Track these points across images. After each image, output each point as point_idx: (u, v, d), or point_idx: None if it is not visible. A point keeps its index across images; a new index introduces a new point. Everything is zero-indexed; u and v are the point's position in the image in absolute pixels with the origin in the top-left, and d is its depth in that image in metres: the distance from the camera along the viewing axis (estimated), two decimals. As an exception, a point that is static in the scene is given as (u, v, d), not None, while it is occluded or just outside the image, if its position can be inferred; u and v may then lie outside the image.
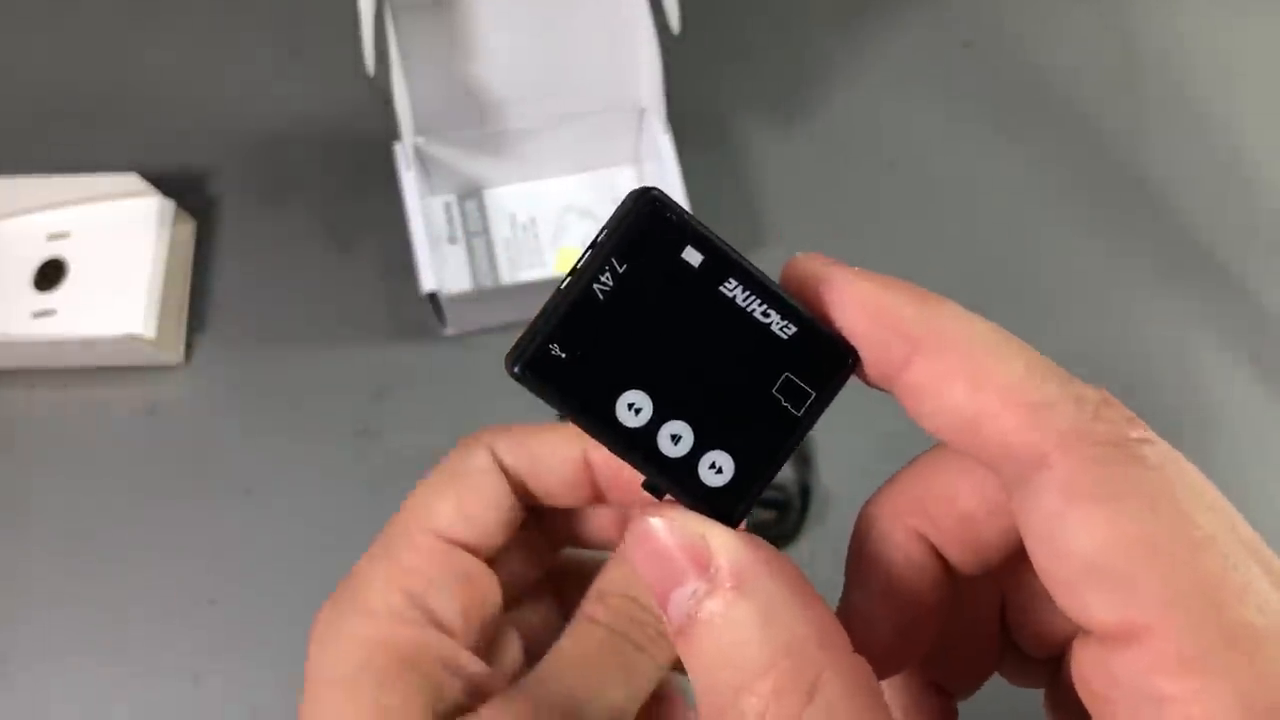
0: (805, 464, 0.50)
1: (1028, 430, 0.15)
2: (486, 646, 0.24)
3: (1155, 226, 0.58)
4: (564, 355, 0.16)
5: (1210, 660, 0.13)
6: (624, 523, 0.24)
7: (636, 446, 0.17)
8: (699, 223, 0.17)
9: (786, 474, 0.50)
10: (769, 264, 0.18)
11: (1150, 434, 0.15)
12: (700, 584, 0.15)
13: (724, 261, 0.17)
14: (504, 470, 0.24)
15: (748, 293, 0.17)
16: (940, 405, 0.15)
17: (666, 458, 0.17)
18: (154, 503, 0.50)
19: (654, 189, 0.17)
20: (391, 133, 0.52)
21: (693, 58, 0.54)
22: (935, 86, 0.61)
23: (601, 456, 0.23)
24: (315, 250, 0.55)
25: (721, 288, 0.17)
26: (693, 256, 0.16)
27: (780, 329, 0.17)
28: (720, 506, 0.17)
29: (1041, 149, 0.59)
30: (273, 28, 0.60)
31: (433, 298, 0.49)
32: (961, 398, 0.15)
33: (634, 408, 0.16)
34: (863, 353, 0.16)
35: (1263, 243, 0.58)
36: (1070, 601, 0.15)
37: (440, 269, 0.53)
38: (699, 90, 0.58)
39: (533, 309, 0.18)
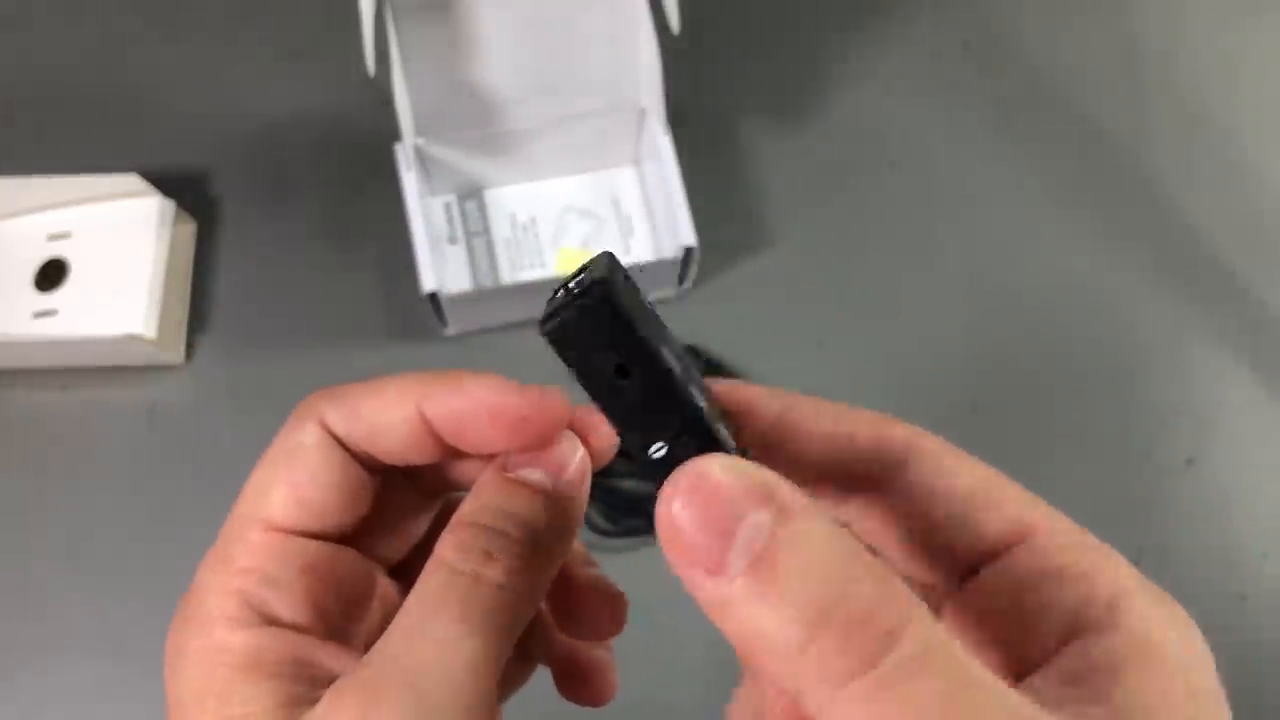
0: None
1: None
2: (370, 628, 0.23)
3: (1155, 226, 0.58)
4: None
5: (1087, 540, 0.18)
6: (492, 463, 0.21)
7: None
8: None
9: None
10: (769, 263, 0.19)
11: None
12: (766, 514, 0.15)
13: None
14: (339, 440, 0.22)
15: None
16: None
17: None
18: (154, 502, 0.50)
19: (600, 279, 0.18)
20: (392, 133, 0.52)
21: (693, 58, 0.54)
22: (935, 86, 0.61)
23: (440, 409, 0.21)
24: (316, 250, 0.55)
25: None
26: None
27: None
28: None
29: (1041, 149, 0.59)
30: (273, 29, 0.60)
31: (433, 298, 0.49)
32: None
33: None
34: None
35: (1262, 243, 0.58)
36: (969, 535, 0.19)
37: (441, 269, 0.53)
38: (699, 90, 0.58)
39: (533, 309, 0.19)
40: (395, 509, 0.24)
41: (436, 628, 0.19)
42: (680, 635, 0.46)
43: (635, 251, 0.55)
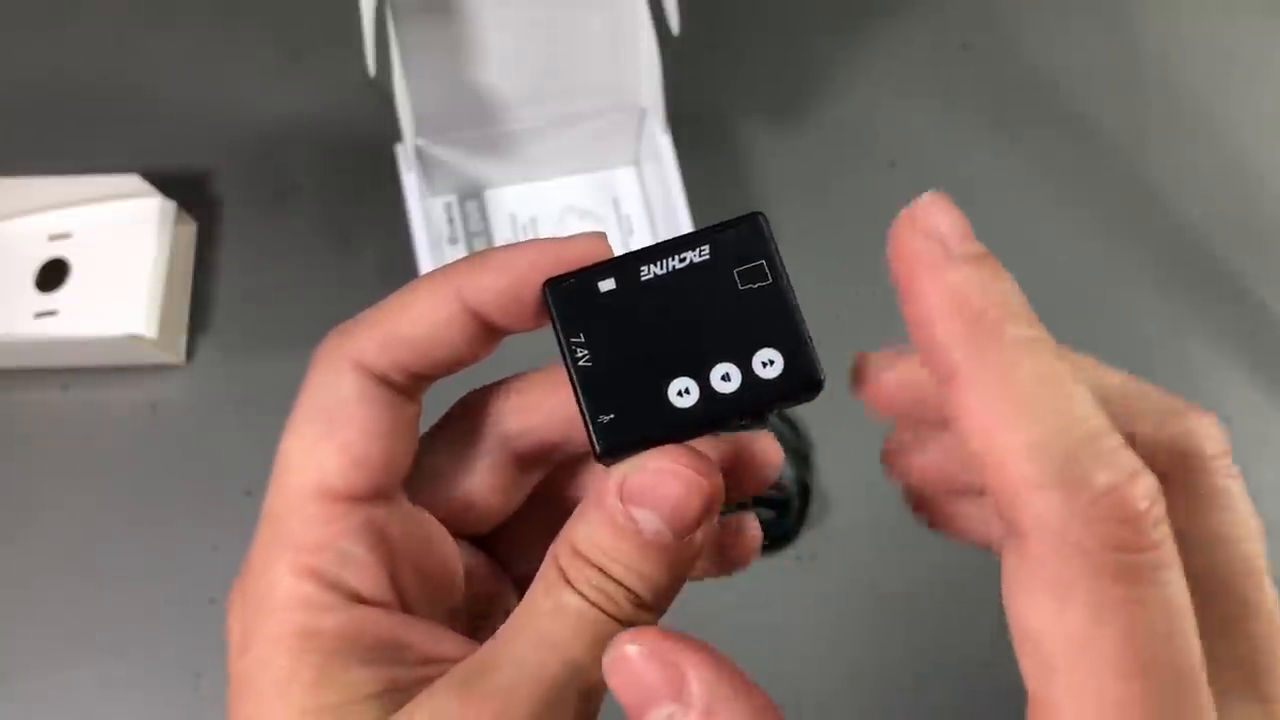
0: (805, 463, 0.50)
1: (1012, 503, 0.15)
2: (446, 599, 0.21)
3: (1154, 226, 0.58)
4: (614, 416, 0.19)
5: None
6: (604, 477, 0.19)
7: (717, 408, 0.19)
8: (590, 267, 0.19)
9: (786, 473, 0.50)
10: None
11: (1141, 538, 0.14)
12: (675, 707, 0.17)
13: (622, 263, 0.19)
14: (381, 378, 0.20)
15: (656, 261, 0.19)
16: (960, 433, 0.16)
17: (734, 393, 0.19)
18: (155, 502, 0.50)
19: (547, 282, 0.19)
20: (393, 134, 0.52)
21: (693, 58, 0.54)
22: (934, 87, 0.61)
23: (486, 295, 0.19)
24: (317, 251, 0.55)
25: (642, 278, 0.19)
26: (607, 284, 0.19)
27: (700, 254, 0.19)
28: (799, 378, 0.19)
29: (1041, 149, 0.59)
30: (274, 29, 0.60)
31: (433, 298, 0.49)
32: (976, 437, 0.15)
33: (681, 392, 0.19)
34: (928, 342, 0.17)
35: (1263, 243, 0.58)
36: (1019, 651, 0.16)
37: (441, 269, 0.53)
38: (699, 91, 0.58)
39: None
40: (475, 473, 0.22)
41: (573, 647, 0.18)
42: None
43: (635, 252, 0.55)
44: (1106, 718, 0.14)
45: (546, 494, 0.24)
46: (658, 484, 0.18)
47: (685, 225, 0.51)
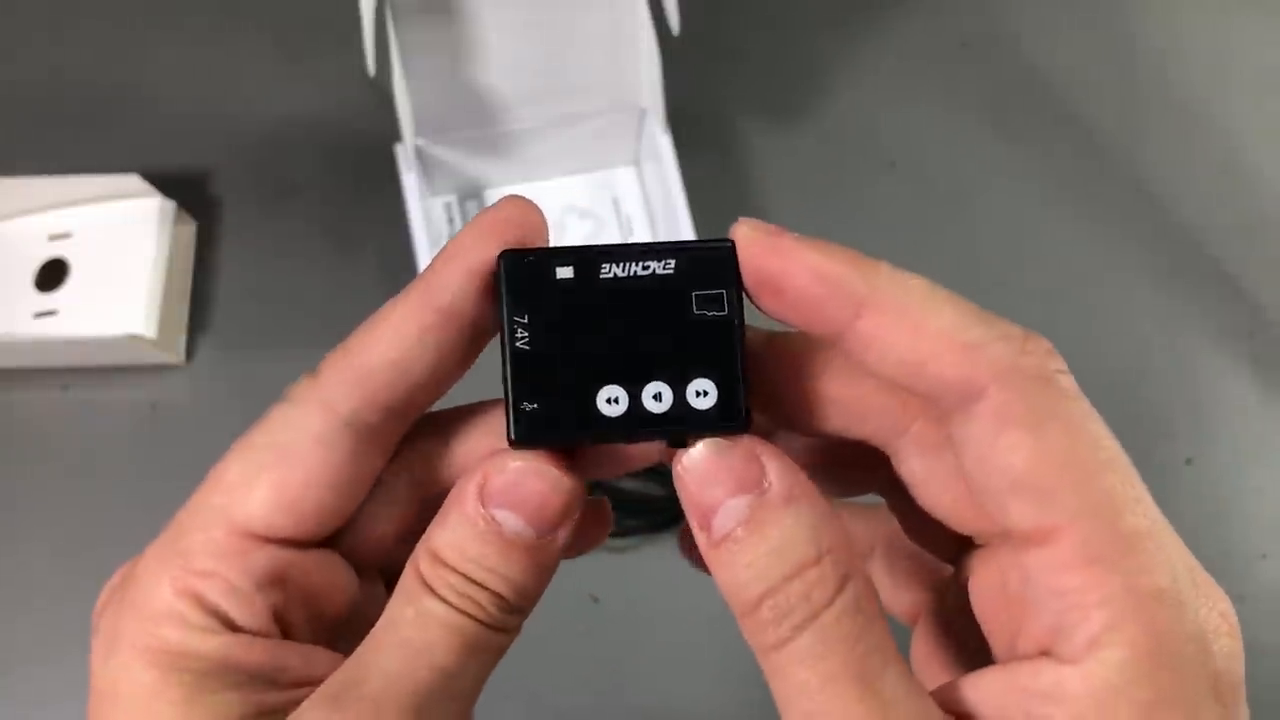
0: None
1: (964, 367, 0.17)
2: (329, 628, 0.21)
3: (1154, 226, 0.58)
4: (537, 406, 0.18)
5: (1107, 558, 0.16)
6: (466, 475, 0.19)
7: (639, 425, 0.19)
8: (552, 249, 0.19)
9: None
10: None
11: (1063, 365, 0.17)
12: (752, 497, 0.17)
13: (584, 254, 0.19)
14: (352, 422, 0.19)
15: (619, 263, 0.19)
16: (887, 353, 0.18)
17: (661, 414, 0.19)
18: (155, 502, 0.50)
19: (504, 252, 0.19)
20: (392, 134, 0.52)
21: (693, 58, 0.54)
22: (934, 86, 0.61)
23: (456, 289, 0.19)
24: (316, 250, 0.55)
25: (601, 275, 0.19)
26: (564, 272, 0.19)
27: (664, 267, 0.19)
28: (728, 416, 0.19)
29: (1040, 149, 0.59)
30: (274, 29, 0.60)
31: (433, 298, 0.49)
32: (905, 345, 0.17)
33: (611, 400, 0.19)
34: (812, 314, 0.18)
35: (1261, 243, 0.58)
36: (997, 510, 0.17)
37: (441, 269, 0.53)
38: (699, 91, 0.58)
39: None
40: (399, 482, 0.22)
41: (439, 653, 0.18)
42: (684, 633, 0.46)
43: (635, 252, 0.55)
44: (1106, 511, 0.16)
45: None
46: (520, 483, 0.18)
47: (685, 225, 0.51)
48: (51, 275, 0.52)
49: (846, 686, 0.16)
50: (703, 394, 0.19)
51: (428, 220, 0.51)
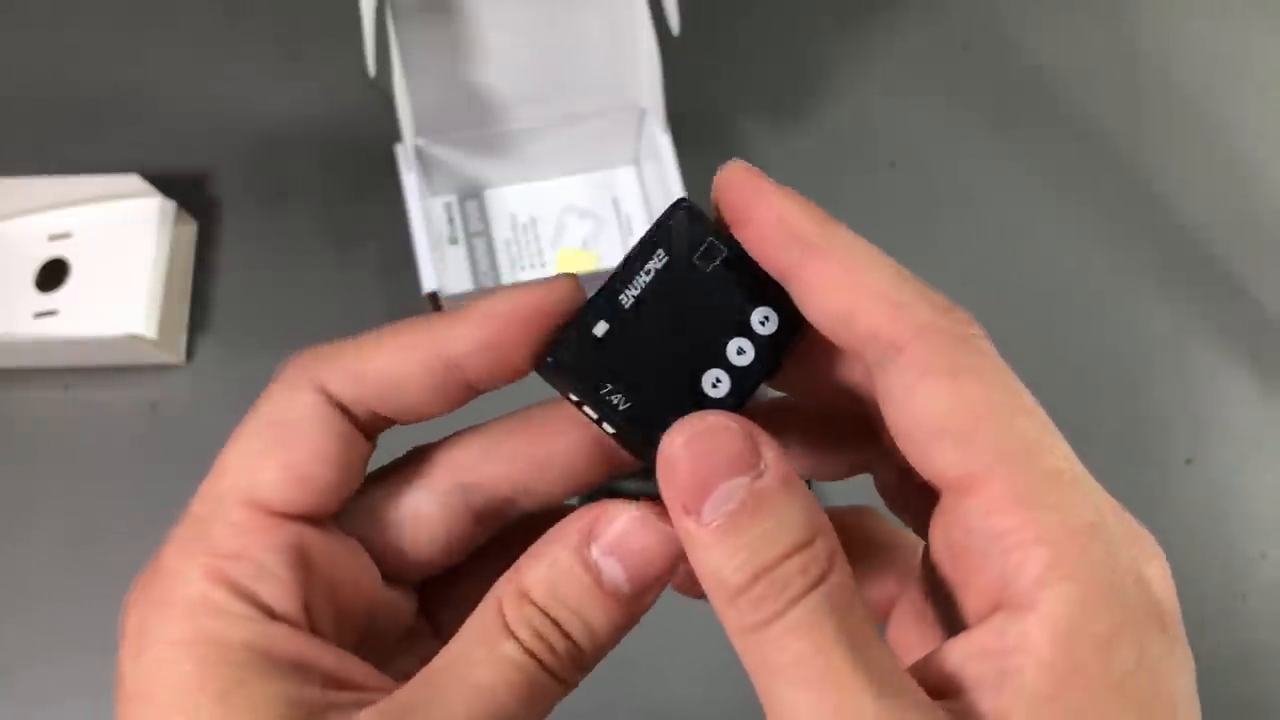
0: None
1: (891, 322, 0.18)
2: (354, 630, 0.21)
3: (1154, 226, 0.58)
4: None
5: (1035, 498, 0.17)
6: (573, 517, 0.19)
7: (752, 381, 0.20)
8: (573, 322, 0.20)
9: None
10: None
11: (981, 332, 0.18)
12: (749, 478, 0.18)
13: (603, 302, 0.20)
14: (341, 406, 0.20)
15: (628, 285, 0.20)
16: (824, 300, 0.19)
17: (752, 364, 0.20)
18: (155, 502, 0.50)
19: (550, 348, 0.19)
20: (392, 134, 0.52)
21: (693, 58, 0.54)
22: (934, 87, 0.61)
23: (468, 349, 0.19)
24: (316, 250, 0.55)
25: (625, 305, 0.20)
26: (600, 328, 0.19)
27: (659, 260, 0.20)
28: (796, 313, 0.20)
29: (1041, 149, 0.60)
30: (274, 29, 0.60)
31: (434, 298, 0.49)
32: (842, 294, 0.18)
33: (714, 383, 0.20)
34: (769, 248, 0.19)
35: (1263, 243, 0.58)
36: (922, 460, 0.18)
37: (441, 269, 0.53)
38: (699, 91, 0.58)
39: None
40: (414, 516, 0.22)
41: (503, 701, 0.18)
42: (684, 633, 0.46)
43: (635, 251, 0.55)
44: (1027, 454, 0.17)
45: (493, 553, 0.23)
46: (629, 531, 0.18)
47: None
48: (52, 275, 0.52)
49: (842, 654, 0.16)
50: (765, 320, 0.20)
51: (428, 220, 0.51)
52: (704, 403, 0.19)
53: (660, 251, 0.20)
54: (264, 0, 0.61)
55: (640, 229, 0.56)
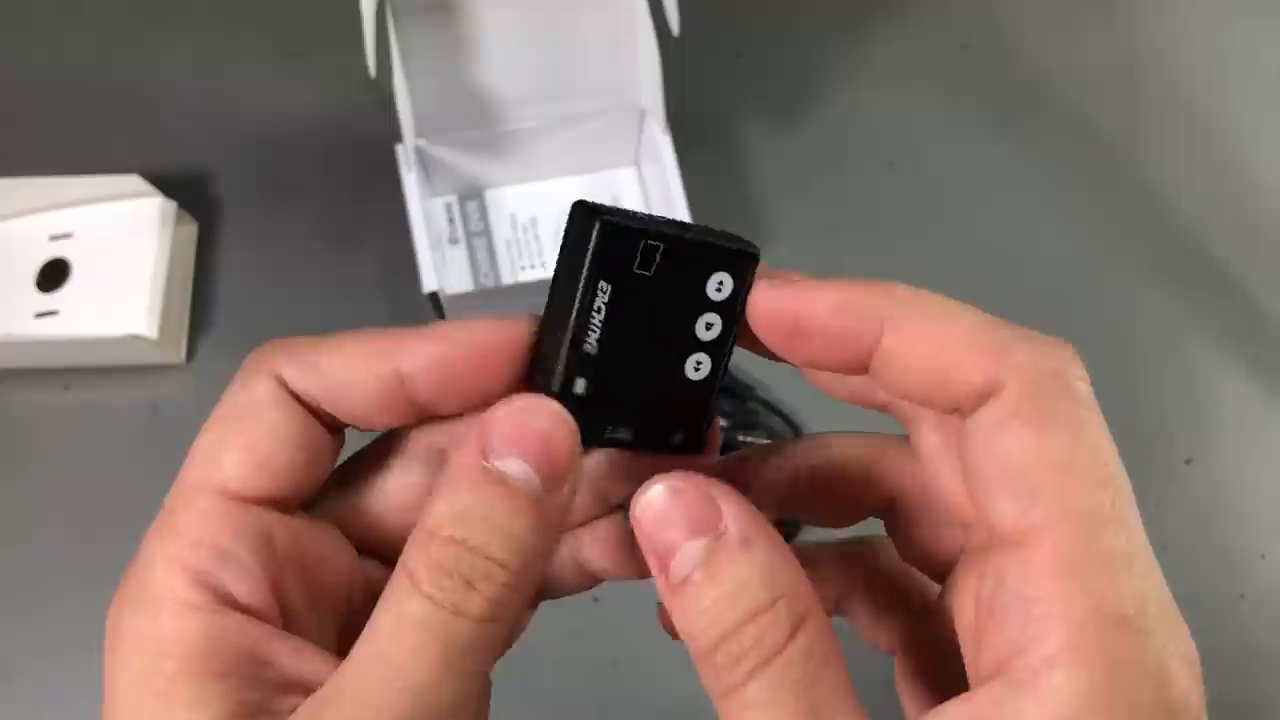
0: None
1: (988, 370, 0.17)
2: (334, 616, 0.20)
3: (1154, 226, 0.58)
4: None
5: (1078, 573, 0.16)
6: (466, 439, 0.18)
7: (729, 344, 0.20)
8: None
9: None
10: (769, 263, 0.19)
11: (1084, 372, 0.18)
12: (708, 540, 0.18)
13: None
14: (297, 397, 0.20)
15: (591, 315, 0.19)
16: (912, 366, 0.18)
17: (721, 335, 0.20)
18: (156, 502, 0.50)
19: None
20: (393, 134, 0.52)
21: (693, 59, 0.54)
22: (934, 87, 0.61)
23: (418, 363, 0.19)
24: (317, 250, 0.55)
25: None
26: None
27: (603, 294, 0.19)
28: (738, 257, 0.20)
29: (1040, 149, 0.60)
30: (275, 30, 0.60)
31: (434, 298, 0.49)
32: (930, 355, 0.18)
33: (697, 366, 0.20)
34: (840, 345, 0.19)
35: (1262, 243, 0.58)
36: (984, 502, 0.17)
37: (441, 269, 0.53)
38: (699, 91, 0.58)
39: (534, 309, 0.19)
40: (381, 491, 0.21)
41: (413, 671, 0.17)
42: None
43: (635, 252, 0.55)
44: (1089, 524, 0.16)
45: None
46: (523, 424, 0.18)
47: (685, 225, 0.51)
48: (52, 275, 0.52)
49: None
50: (720, 285, 0.20)
51: (428, 220, 0.51)
52: (695, 389, 0.20)
53: (603, 284, 0.19)
54: (264, 0, 0.61)
55: (640, 229, 0.56)
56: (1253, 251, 0.57)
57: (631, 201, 0.57)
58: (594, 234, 0.18)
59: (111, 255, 0.52)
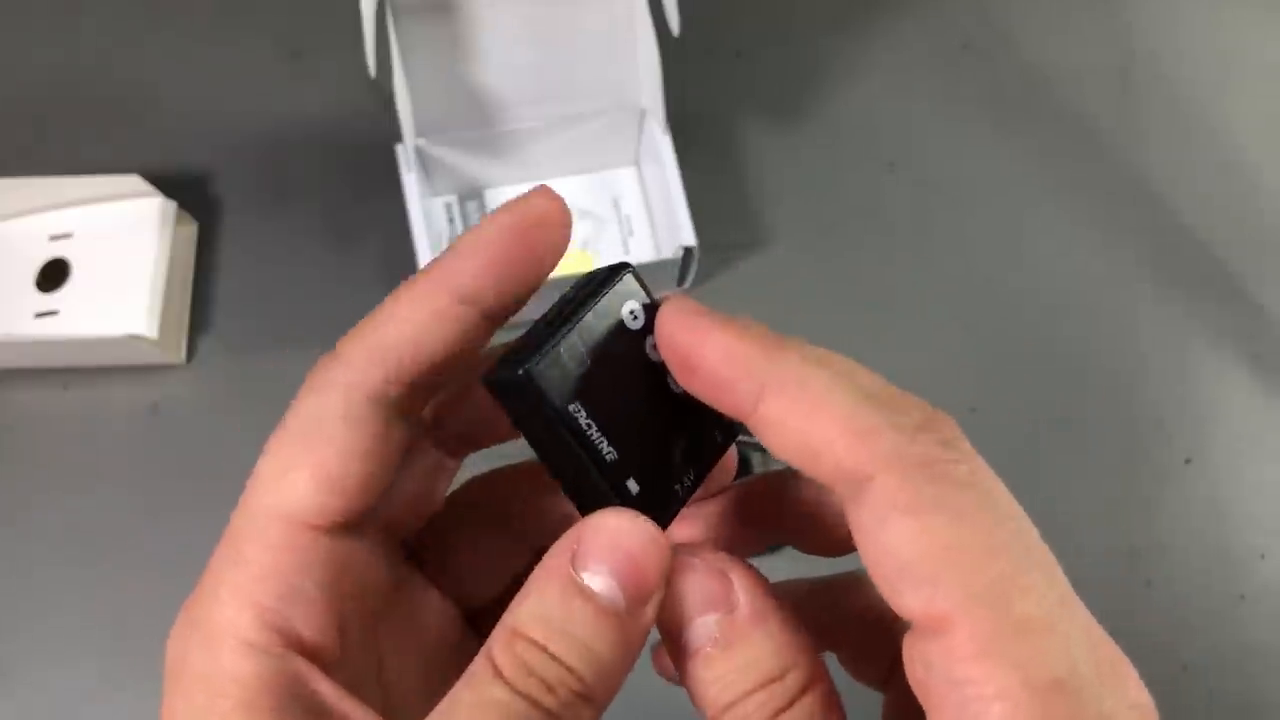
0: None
1: (854, 454, 0.17)
2: (371, 640, 0.20)
3: (1154, 226, 0.58)
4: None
5: (1000, 647, 0.16)
6: (556, 545, 0.19)
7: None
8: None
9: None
10: (769, 263, 0.20)
11: (959, 454, 0.17)
12: (721, 615, 0.18)
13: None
14: (374, 396, 0.19)
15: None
16: (785, 437, 0.18)
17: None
18: (156, 502, 0.50)
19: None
20: (393, 134, 0.52)
21: (693, 59, 0.54)
22: (934, 87, 0.61)
23: (461, 270, 0.19)
24: (317, 250, 0.55)
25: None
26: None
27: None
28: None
29: (1040, 149, 0.60)
30: (274, 29, 0.60)
31: (434, 298, 0.49)
32: (801, 430, 0.17)
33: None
34: (725, 393, 0.18)
35: (1262, 243, 0.58)
36: (891, 596, 0.17)
37: (441, 269, 0.53)
38: (699, 91, 0.58)
39: (534, 309, 0.19)
40: (403, 470, 0.21)
41: None
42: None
43: (635, 251, 0.55)
44: (994, 598, 0.16)
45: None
46: (614, 543, 0.18)
47: (685, 225, 0.51)
48: (52, 275, 0.52)
49: None
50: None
51: (428, 220, 0.51)
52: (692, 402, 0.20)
53: (571, 409, 0.19)
54: (264, 0, 0.61)
55: (640, 229, 0.56)
56: (1253, 251, 0.57)
57: (631, 201, 0.57)
58: (531, 396, 0.18)
59: (111, 255, 0.52)
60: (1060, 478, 0.51)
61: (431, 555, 0.23)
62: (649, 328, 0.20)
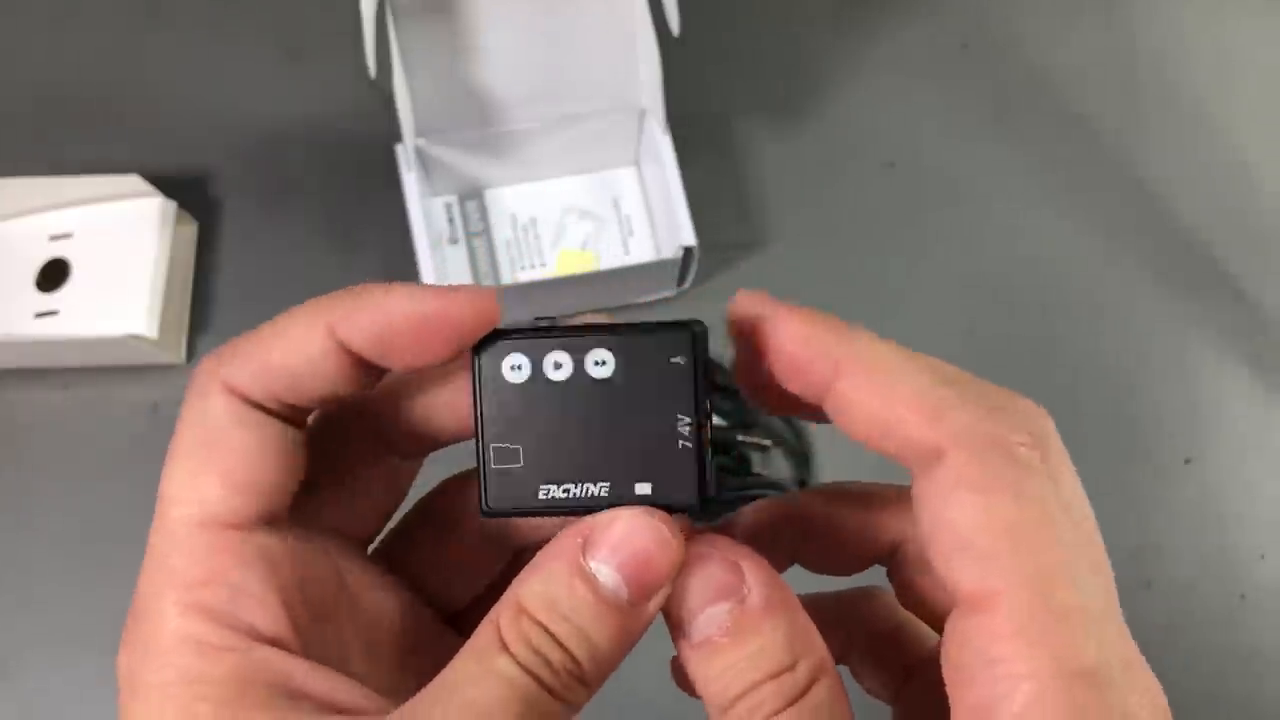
0: (805, 464, 0.50)
1: (926, 429, 0.18)
2: (330, 635, 0.20)
3: (1154, 226, 0.58)
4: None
5: (1037, 631, 0.16)
6: (570, 524, 0.19)
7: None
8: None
9: (785, 472, 0.50)
10: (769, 263, 0.20)
11: (1033, 439, 0.18)
12: (732, 604, 0.18)
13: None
14: (255, 403, 0.19)
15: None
16: (859, 414, 0.18)
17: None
18: (155, 502, 0.50)
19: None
20: (393, 134, 0.52)
21: (693, 59, 0.54)
22: (933, 87, 0.61)
23: (354, 331, 0.19)
24: (317, 250, 0.55)
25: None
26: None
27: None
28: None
29: (1040, 149, 0.60)
30: (274, 29, 0.60)
31: (434, 298, 0.49)
32: (876, 407, 0.18)
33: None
34: (800, 374, 0.19)
35: (1262, 243, 0.58)
36: (943, 568, 0.18)
37: (441, 269, 0.53)
38: (699, 91, 0.58)
39: (534, 310, 0.19)
40: (353, 475, 0.22)
41: (499, 717, 0.17)
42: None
43: (635, 251, 0.55)
44: (1042, 584, 0.16)
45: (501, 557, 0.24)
46: (625, 537, 0.18)
47: (685, 225, 0.51)
48: (52, 275, 0.52)
49: None
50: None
51: (428, 220, 0.51)
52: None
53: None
54: (264, 0, 0.61)
55: (640, 229, 0.56)
56: (1253, 251, 0.57)
57: (631, 201, 0.57)
58: (507, 514, 0.20)
59: (111, 255, 0.52)
60: (1060, 478, 0.51)
61: (411, 556, 0.23)
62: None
